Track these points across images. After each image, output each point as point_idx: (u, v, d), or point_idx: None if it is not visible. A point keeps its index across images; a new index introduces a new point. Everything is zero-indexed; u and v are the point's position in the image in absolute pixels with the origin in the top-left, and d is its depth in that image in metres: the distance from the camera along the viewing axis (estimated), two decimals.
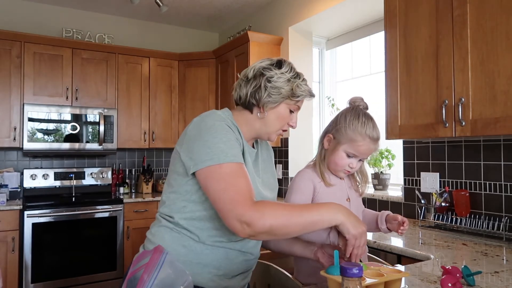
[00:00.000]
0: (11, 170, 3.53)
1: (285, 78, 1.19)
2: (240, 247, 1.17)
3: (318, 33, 3.57)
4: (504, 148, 1.92)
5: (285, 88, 1.18)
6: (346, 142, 1.26)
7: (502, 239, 1.82)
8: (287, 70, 1.21)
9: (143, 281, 0.86)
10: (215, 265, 1.13)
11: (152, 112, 3.91)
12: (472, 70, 1.68)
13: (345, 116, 1.29)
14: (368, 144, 1.25)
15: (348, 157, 1.27)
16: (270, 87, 1.17)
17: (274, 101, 1.18)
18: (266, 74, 1.18)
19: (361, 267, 0.74)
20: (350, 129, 1.25)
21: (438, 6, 1.82)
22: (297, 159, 3.48)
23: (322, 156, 1.34)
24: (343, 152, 1.27)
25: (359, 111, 1.29)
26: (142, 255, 0.98)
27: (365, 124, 1.25)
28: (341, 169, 1.29)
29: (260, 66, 1.21)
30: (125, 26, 4.18)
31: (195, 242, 1.14)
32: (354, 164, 1.28)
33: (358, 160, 1.28)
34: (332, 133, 1.31)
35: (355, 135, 1.24)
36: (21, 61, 3.36)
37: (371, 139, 1.25)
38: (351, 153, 1.26)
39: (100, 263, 3.30)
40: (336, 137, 1.29)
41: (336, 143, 1.29)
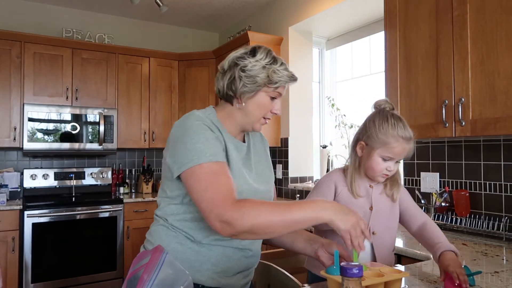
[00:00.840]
0: (11, 170, 3.54)
1: (260, 66, 1.15)
2: (236, 244, 1.16)
3: (318, 33, 3.57)
4: (504, 148, 1.92)
5: (260, 76, 1.15)
6: (380, 146, 1.25)
7: (502, 239, 1.82)
8: (262, 57, 1.16)
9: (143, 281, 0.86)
10: (213, 262, 1.13)
11: (152, 112, 3.91)
12: (472, 70, 1.68)
13: (373, 121, 1.29)
14: (402, 145, 1.24)
15: (384, 161, 1.26)
16: (244, 76, 1.15)
17: (250, 90, 1.15)
18: (240, 64, 1.16)
19: (361, 267, 0.75)
20: (381, 133, 1.25)
21: (438, 6, 1.82)
22: (297, 159, 3.48)
23: (357, 164, 1.33)
24: (378, 157, 1.26)
25: (386, 113, 1.29)
26: (142, 255, 0.98)
27: (395, 125, 1.24)
28: (379, 174, 1.29)
29: (234, 56, 1.19)
30: (125, 26, 4.18)
31: (191, 242, 1.14)
32: (392, 167, 1.28)
33: (395, 162, 1.28)
34: (364, 140, 1.30)
35: (388, 138, 1.24)
36: (21, 61, 3.36)
37: (404, 139, 1.24)
38: (387, 157, 1.26)
39: (100, 263, 3.30)
40: (369, 143, 1.28)
41: (370, 149, 1.28)
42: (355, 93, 3.41)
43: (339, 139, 3.25)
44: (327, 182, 1.35)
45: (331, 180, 1.35)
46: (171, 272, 0.89)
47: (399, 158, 1.27)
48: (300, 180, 3.48)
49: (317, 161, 3.53)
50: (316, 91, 3.71)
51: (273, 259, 1.53)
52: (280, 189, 3.56)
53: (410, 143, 1.26)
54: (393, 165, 1.27)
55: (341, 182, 1.33)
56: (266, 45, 1.23)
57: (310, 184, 3.34)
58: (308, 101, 3.56)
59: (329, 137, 3.60)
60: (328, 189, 1.33)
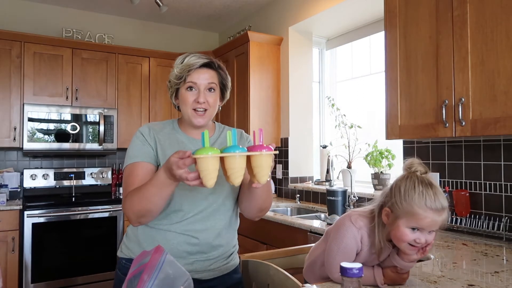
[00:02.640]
0: (11, 170, 3.53)
1: (172, 72, 1.34)
2: (175, 228, 1.28)
3: (318, 33, 3.57)
4: (504, 148, 1.92)
5: (172, 79, 1.34)
6: (405, 216, 1.07)
7: (502, 239, 1.82)
8: (175, 66, 1.33)
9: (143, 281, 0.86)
10: (156, 244, 1.20)
11: (152, 112, 3.91)
12: (472, 70, 1.68)
13: (399, 187, 1.11)
14: (432, 216, 1.04)
15: (413, 232, 1.07)
16: (168, 86, 1.39)
17: (171, 92, 1.38)
18: (169, 78, 1.38)
19: (361, 268, 0.74)
20: (406, 202, 1.06)
21: (438, 6, 1.82)
22: (297, 159, 3.48)
23: (384, 233, 1.13)
24: (405, 228, 1.07)
25: (415, 178, 1.09)
26: (142, 255, 0.98)
27: (423, 194, 1.06)
28: (405, 244, 1.08)
29: None
30: (125, 26, 4.18)
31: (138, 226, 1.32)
32: (423, 239, 1.06)
33: (427, 233, 1.07)
34: (389, 206, 1.12)
35: (414, 209, 1.05)
36: (21, 61, 3.36)
37: (434, 210, 1.04)
38: (415, 227, 1.07)
39: (100, 263, 3.30)
40: (394, 211, 1.10)
41: (395, 218, 1.09)
42: (355, 93, 3.41)
43: (339, 139, 3.25)
44: (355, 239, 1.16)
45: (356, 238, 1.16)
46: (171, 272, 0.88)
47: (430, 229, 1.07)
48: (300, 180, 3.48)
49: (317, 161, 3.53)
50: (316, 91, 3.71)
51: (273, 259, 1.53)
52: (280, 189, 3.56)
53: (442, 215, 1.06)
54: (424, 237, 1.07)
55: (365, 241, 1.16)
56: (266, 45, 1.29)
57: (310, 184, 3.34)
58: (308, 101, 3.56)
59: (329, 137, 3.60)
60: (355, 247, 1.16)
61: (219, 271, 1.35)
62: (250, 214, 1.40)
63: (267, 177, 1.02)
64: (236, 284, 1.40)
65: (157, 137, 1.33)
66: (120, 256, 1.39)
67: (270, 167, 1.02)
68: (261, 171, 1.00)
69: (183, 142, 1.36)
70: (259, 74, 3.44)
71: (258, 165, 1.00)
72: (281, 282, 1.33)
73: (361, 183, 3.09)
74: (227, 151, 0.98)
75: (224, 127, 1.49)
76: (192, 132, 1.38)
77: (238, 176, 0.99)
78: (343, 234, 1.16)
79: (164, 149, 1.32)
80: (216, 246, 1.32)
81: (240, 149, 0.98)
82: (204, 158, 0.96)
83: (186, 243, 1.28)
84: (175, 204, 1.29)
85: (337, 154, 3.18)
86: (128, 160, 1.30)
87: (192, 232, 1.28)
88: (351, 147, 3.11)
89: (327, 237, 1.27)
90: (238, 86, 3.52)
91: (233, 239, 1.42)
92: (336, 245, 1.16)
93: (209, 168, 0.96)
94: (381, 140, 2.77)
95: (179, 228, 1.28)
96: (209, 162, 0.96)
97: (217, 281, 1.34)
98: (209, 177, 0.97)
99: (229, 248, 1.38)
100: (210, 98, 1.32)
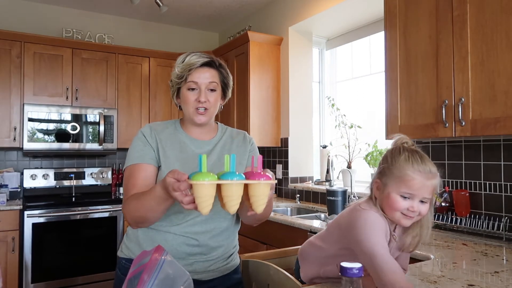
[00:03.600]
0: (11, 170, 3.53)
1: (173, 72, 1.33)
2: (175, 230, 1.28)
3: (318, 33, 3.57)
4: (504, 148, 1.92)
5: (173, 78, 1.34)
6: (394, 182, 1.07)
7: (502, 239, 1.82)
8: (176, 65, 1.32)
9: (143, 281, 0.86)
10: (152, 244, 1.22)
11: (152, 112, 3.91)
12: (472, 70, 1.68)
13: (386, 156, 1.13)
14: (421, 179, 1.04)
15: (404, 199, 1.06)
16: (170, 85, 1.38)
17: (172, 91, 1.36)
18: (170, 78, 1.38)
19: (361, 268, 0.74)
20: (394, 167, 1.08)
21: (438, 6, 1.82)
22: (297, 159, 3.48)
23: (378, 207, 1.12)
24: (395, 195, 1.07)
25: (401, 147, 1.12)
26: (142, 255, 0.98)
27: (409, 157, 1.07)
28: (399, 213, 1.07)
29: None
30: (125, 26, 4.18)
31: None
32: (415, 207, 1.06)
33: (418, 201, 1.06)
34: (379, 178, 1.13)
35: (401, 172, 1.06)
36: (21, 61, 3.36)
37: (422, 173, 1.05)
38: (405, 193, 1.06)
39: (100, 263, 3.30)
40: (383, 181, 1.10)
41: (385, 187, 1.10)
42: (355, 93, 3.41)
43: (339, 139, 3.25)
44: (382, 225, 1.10)
45: (378, 216, 1.11)
46: (171, 272, 0.88)
47: (421, 195, 1.06)
48: (300, 180, 3.48)
49: (317, 161, 3.53)
50: (316, 91, 3.71)
51: (273, 259, 1.53)
52: (280, 189, 3.56)
53: (433, 180, 1.06)
54: (417, 205, 1.06)
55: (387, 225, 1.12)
56: (266, 45, 1.29)
57: (310, 184, 3.34)
58: (308, 101, 3.56)
59: (329, 137, 3.60)
60: (383, 224, 1.11)
61: (219, 271, 1.34)
62: (248, 223, 1.41)
63: (263, 206, 0.98)
64: (236, 285, 1.40)
65: (158, 137, 1.33)
66: (120, 256, 1.39)
67: (267, 196, 0.98)
68: (258, 200, 0.97)
69: (184, 142, 1.35)
70: (259, 74, 3.44)
71: (255, 194, 0.96)
72: (281, 282, 1.33)
73: (361, 183, 3.09)
74: (224, 177, 0.94)
75: (227, 128, 1.48)
76: (194, 132, 1.38)
77: (234, 204, 0.96)
78: (371, 222, 1.08)
79: (165, 150, 1.31)
80: (216, 247, 1.32)
81: (238, 176, 0.95)
82: (200, 185, 0.92)
83: (185, 244, 1.28)
84: (175, 206, 1.27)
85: (337, 154, 3.18)
86: (128, 161, 1.30)
87: (192, 234, 1.28)
88: (351, 147, 3.11)
89: (333, 235, 1.20)
90: (238, 86, 3.52)
91: (234, 240, 1.42)
92: (365, 233, 1.06)
93: (205, 195, 0.93)
94: (381, 140, 2.77)
95: (179, 230, 1.28)
96: (205, 189, 0.92)
97: (217, 281, 1.34)
98: (205, 204, 0.94)
99: (229, 249, 1.38)
100: (211, 97, 1.32)
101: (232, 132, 1.47)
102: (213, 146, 1.38)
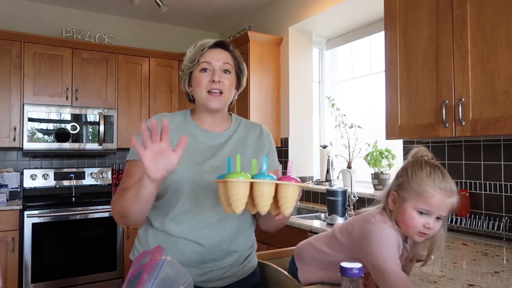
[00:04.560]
0: (11, 170, 3.53)
1: (185, 57, 1.29)
2: (186, 234, 1.18)
3: (318, 33, 3.57)
4: (504, 148, 1.92)
5: (185, 63, 1.28)
6: (413, 197, 1.04)
7: (502, 239, 1.82)
8: (188, 51, 1.29)
9: (143, 281, 0.86)
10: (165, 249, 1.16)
11: (152, 112, 3.91)
12: (472, 70, 1.68)
13: (406, 168, 1.10)
14: (441, 196, 1.02)
15: (421, 215, 1.04)
16: (181, 74, 1.32)
17: (184, 79, 1.30)
18: (181, 69, 1.33)
19: (361, 268, 0.74)
20: (414, 182, 1.05)
21: (438, 6, 1.82)
22: (297, 159, 3.48)
23: (393, 221, 1.09)
24: (412, 210, 1.04)
25: (422, 161, 1.09)
26: (142, 255, 0.98)
27: (431, 173, 1.04)
28: (415, 230, 1.05)
29: None
30: (125, 26, 4.18)
31: (151, 228, 1.24)
32: (431, 224, 1.03)
33: (435, 218, 1.04)
34: (395, 190, 1.10)
35: (422, 187, 1.03)
36: (21, 61, 3.36)
37: (443, 190, 1.02)
38: (423, 209, 1.03)
39: (100, 263, 3.30)
40: (401, 194, 1.07)
41: (402, 201, 1.06)
42: (355, 93, 3.41)
43: (339, 139, 3.25)
44: (396, 240, 1.08)
45: (391, 230, 1.09)
46: (171, 272, 0.88)
47: (438, 213, 1.03)
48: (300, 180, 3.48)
49: (317, 161, 3.53)
50: (316, 91, 3.71)
51: (272, 259, 1.53)
52: None
53: (451, 197, 1.03)
54: (433, 222, 1.03)
55: (400, 239, 1.09)
56: (266, 45, 1.28)
57: (310, 184, 3.34)
58: (308, 101, 3.56)
59: (329, 137, 3.60)
60: (395, 237, 1.09)
61: (235, 276, 1.25)
62: (266, 229, 1.33)
63: (291, 210, 0.98)
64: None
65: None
66: (132, 259, 1.31)
67: (296, 199, 0.98)
68: (287, 202, 0.97)
69: (194, 134, 1.25)
70: (259, 74, 3.44)
71: (285, 196, 0.97)
72: (281, 282, 1.33)
73: (361, 183, 3.09)
74: (257, 177, 0.96)
75: (241, 120, 1.39)
76: (205, 123, 1.29)
77: (266, 204, 0.96)
78: (384, 235, 1.05)
79: (172, 142, 1.22)
80: (231, 252, 1.23)
81: (270, 177, 0.96)
82: (235, 183, 0.93)
83: (198, 252, 1.18)
84: (184, 205, 1.19)
85: (337, 154, 3.18)
86: (129, 156, 1.24)
87: (203, 239, 1.18)
88: (351, 147, 3.11)
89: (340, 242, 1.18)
90: None
91: (249, 241, 1.32)
92: (379, 249, 1.03)
93: (239, 193, 0.94)
94: (381, 140, 2.77)
95: (190, 234, 1.18)
96: (240, 187, 0.94)
97: (232, 287, 1.25)
98: (239, 203, 0.94)
99: (244, 252, 1.29)
100: (225, 79, 1.24)
101: (247, 124, 1.38)
102: (226, 139, 1.29)
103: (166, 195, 1.21)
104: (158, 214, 1.22)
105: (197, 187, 1.19)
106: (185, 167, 1.18)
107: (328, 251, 1.20)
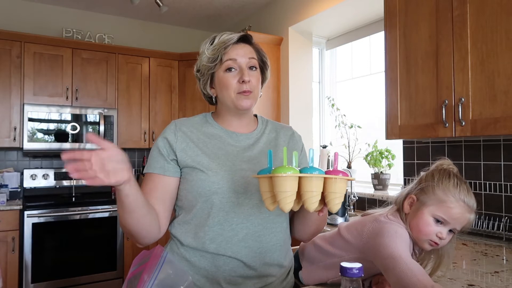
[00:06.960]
0: (11, 170, 3.53)
1: (203, 56, 1.16)
2: (225, 251, 1.07)
3: (318, 33, 3.57)
4: (504, 148, 1.92)
5: (204, 63, 1.15)
6: (434, 203, 1.03)
7: (502, 239, 1.82)
8: (205, 49, 1.15)
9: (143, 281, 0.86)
10: (198, 269, 1.09)
11: (152, 112, 3.91)
12: (472, 70, 1.68)
13: (432, 174, 1.08)
14: (462, 210, 1.01)
15: (436, 223, 1.03)
16: (199, 75, 1.19)
17: (204, 81, 1.18)
18: (195, 68, 1.21)
19: (361, 268, 0.74)
20: (439, 188, 1.03)
21: (438, 6, 1.82)
22: None
23: (407, 223, 1.09)
24: (429, 217, 1.03)
25: (450, 171, 1.08)
26: (142, 255, 0.98)
27: (458, 185, 1.03)
28: (427, 238, 1.04)
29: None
30: (125, 26, 4.18)
31: (182, 247, 1.13)
32: (444, 234, 1.03)
33: (448, 230, 1.03)
34: (415, 194, 1.08)
35: (446, 195, 1.02)
36: (21, 61, 3.36)
37: (466, 205, 1.02)
38: (441, 217, 1.02)
39: (100, 263, 3.30)
40: (421, 199, 1.06)
41: (420, 205, 1.05)
42: (355, 93, 3.41)
43: (339, 139, 3.26)
44: (408, 240, 1.07)
45: (402, 228, 1.08)
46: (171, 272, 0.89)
47: (454, 225, 1.02)
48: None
49: (317, 161, 3.53)
50: (316, 91, 3.71)
51: None
52: None
53: (471, 214, 1.03)
54: (446, 233, 1.03)
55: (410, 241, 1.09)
56: (266, 45, 1.24)
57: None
58: (308, 101, 3.56)
59: (329, 137, 3.60)
60: (407, 235, 1.08)
61: None
62: (303, 237, 1.24)
63: (339, 206, 0.90)
64: None
65: (184, 135, 1.15)
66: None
67: (343, 193, 0.90)
68: (335, 198, 0.89)
69: (220, 136, 1.16)
70: None
71: (334, 191, 0.89)
72: None
73: (361, 183, 3.09)
74: (305, 171, 0.87)
75: (268, 121, 1.30)
76: (231, 125, 1.19)
77: (315, 201, 0.88)
78: (397, 233, 1.03)
79: (196, 147, 1.13)
80: (276, 266, 1.14)
81: (318, 171, 0.88)
82: (283, 178, 0.85)
83: (239, 267, 1.08)
84: (219, 216, 1.08)
85: None
86: (145, 170, 1.18)
87: (242, 252, 1.07)
88: (351, 147, 3.11)
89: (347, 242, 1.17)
90: None
91: (290, 252, 1.24)
92: (392, 240, 1.00)
93: (287, 190, 0.85)
94: (381, 140, 2.77)
95: (230, 250, 1.06)
96: (288, 183, 0.85)
97: None
98: (288, 200, 0.86)
99: (290, 265, 1.21)
100: (253, 77, 1.13)
101: (274, 125, 1.29)
102: (254, 140, 1.20)
103: (196, 205, 1.10)
104: (189, 229, 1.11)
105: (231, 193, 1.08)
106: (216, 173, 1.09)
107: (333, 250, 1.19)
